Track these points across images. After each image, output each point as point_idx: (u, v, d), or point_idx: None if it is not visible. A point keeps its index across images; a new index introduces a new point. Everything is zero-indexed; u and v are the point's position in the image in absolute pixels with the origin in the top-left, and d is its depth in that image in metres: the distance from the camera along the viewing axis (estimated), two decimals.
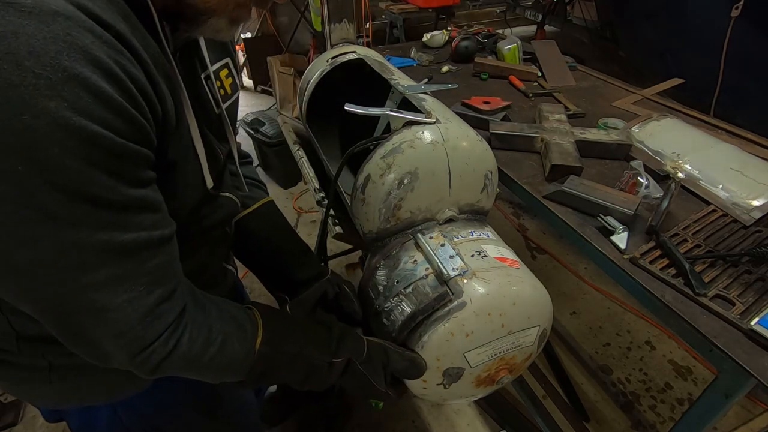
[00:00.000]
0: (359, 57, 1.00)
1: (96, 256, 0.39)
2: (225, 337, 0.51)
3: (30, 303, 0.41)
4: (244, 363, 0.54)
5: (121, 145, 0.38)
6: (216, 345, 0.51)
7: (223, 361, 0.52)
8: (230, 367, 0.53)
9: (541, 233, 2.42)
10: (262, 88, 4.13)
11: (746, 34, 2.16)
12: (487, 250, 0.67)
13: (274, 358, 0.56)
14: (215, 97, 0.62)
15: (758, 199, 0.89)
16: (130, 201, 0.40)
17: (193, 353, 0.49)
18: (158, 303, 0.45)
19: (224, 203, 0.65)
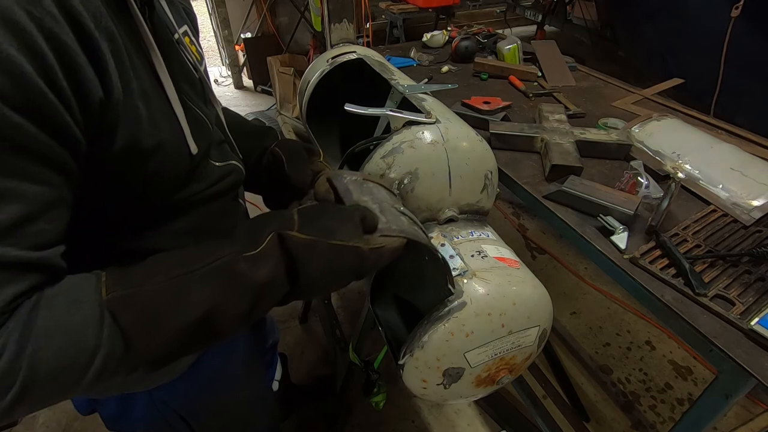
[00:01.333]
0: (359, 57, 1.00)
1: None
2: (50, 317, 0.36)
3: None
4: (95, 329, 0.37)
5: (6, 117, 0.32)
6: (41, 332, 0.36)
7: (66, 337, 0.36)
8: (78, 344, 0.36)
9: (541, 233, 2.42)
10: (262, 88, 4.14)
11: (746, 34, 2.16)
12: (487, 250, 0.67)
13: (140, 295, 0.39)
14: (191, 61, 0.57)
15: (758, 199, 0.89)
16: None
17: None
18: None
19: (226, 171, 0.60)
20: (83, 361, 0.36)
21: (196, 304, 0.40)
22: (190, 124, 0.50)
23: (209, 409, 0.75)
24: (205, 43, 5.74)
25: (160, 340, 0.39)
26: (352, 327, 1.86)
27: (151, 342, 0.39)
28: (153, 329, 0.39)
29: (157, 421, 0.71)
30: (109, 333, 0.37)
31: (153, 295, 0.39)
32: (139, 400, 0.68)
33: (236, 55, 4.21)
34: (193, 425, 0.74)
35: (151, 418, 0.70)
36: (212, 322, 0.41)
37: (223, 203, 0.62)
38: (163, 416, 0.71)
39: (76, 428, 1.55)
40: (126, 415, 0.70)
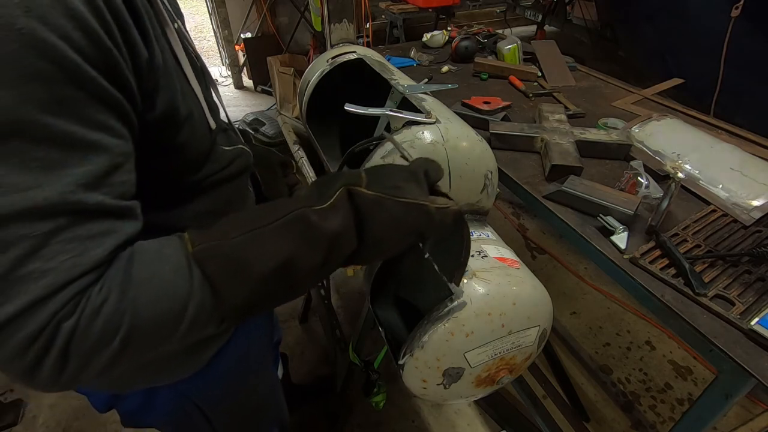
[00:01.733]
0: (359, 57, 1.00)
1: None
2: (145, 267, 0.38)
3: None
4: (185, 279, 0.39)
5: (79, 67, 0.34)
6: (136, 282, 0.37)
7: (160, 286, 0.38)
8: (171, 292, 0.38)
9: (541, 233, 2.42)
10: (262, 88, 4.14)
11: (746, 34, 2.16)
12: (487, 250, 0.67)
13: (224, 247, 0.40)
14: (193, 48, 0.59)
15: (758, 199, 0.89)
16: (66, 138, 0.34)
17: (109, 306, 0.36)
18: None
19: (235, 154, 0.63)
20: (177, 309, 0.38)
21: (275, 254, 0.41)
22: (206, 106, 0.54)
23: (226, 401, 0.78)
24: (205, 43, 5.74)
25: (244, 288, 0.41)
26: (352, 327, 1.86)
27: (236, 290, 0.41)
28: (238, 278, 0.40)
29: (178, 414, 0.73)
30: (199, 282, 0.39)
31: (234, 246, 0.41)
32: (163, 393, 0.69)
33: (236, 55, 4.21)
34: (211, 417, 0.77)
35: (173, 410, 0.72)
36: (290, 273, 0.42)
37: (236, 187, 0.65)
38: (184, 408, 0.73)
39: (76, 428, 1.55)
40: (148, 409, 0.71)
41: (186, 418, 0.75)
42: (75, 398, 1.64)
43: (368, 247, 0.46)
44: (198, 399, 0.73)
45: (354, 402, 1.58)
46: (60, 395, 1.64)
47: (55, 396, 1.64)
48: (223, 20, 3.97)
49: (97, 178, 0.36)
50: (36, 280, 0.32)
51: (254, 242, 0.41)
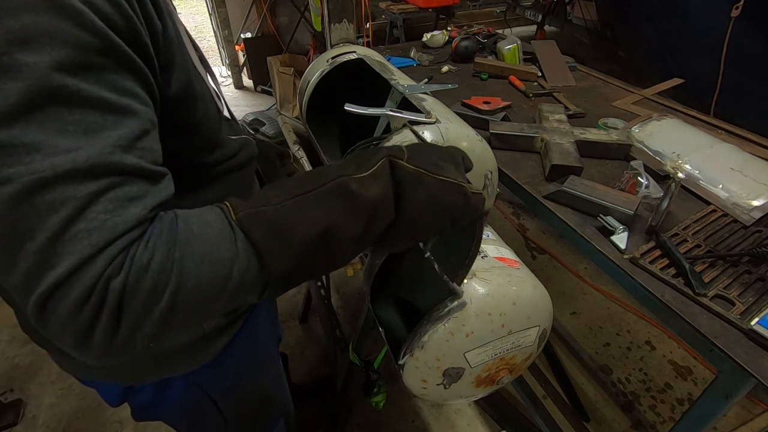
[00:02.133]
0: (359, 57, 1.00)
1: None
2: (190, 229, 0.39)
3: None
4: (229, 242, 0.39)
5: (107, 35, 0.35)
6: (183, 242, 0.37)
7: (205, 247, 0.38)
8: (217, 255, 0.38)
9: (541, 233, 2.42)
10: (262, 88, 4.14)
11: (746, 34, 2.16)
12: (487, 250, 0.67)
13: (267, 213, 0.41)
14: (191, 37, 0.60)
15: (758, 199, 0.89)
16: (100, 102, 0.35)
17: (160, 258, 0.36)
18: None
19: (241, 143, 0.64)
20: (223, 271, 0.38)
21: (316, 220, 0.41)
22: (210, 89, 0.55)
23: (237, 392, 0.79)
24: (205, 43, 5.74)
25: (288, 253, 0.41)
26: (352, 327, 1.86)
27: (280, 255, 0.41)
28: (281, 243, 0.40)
29: (190, 405, 0.74)
30: (243, 246, 0.39)
31: (277, 212, 0.41)
32: (176, 384, 0.70)
33: (236, 55, 4.21)
34: (222, 407, 0.78)
35: (186, 401, 0.73)
36: (331, 240, 0.42)
37: (244, 177, 0.66)
38: (197, 399, 0.74)
39: (76, 428, 1.55)
40: (161, 401, 0.72)
41: (198, 409, 0.76)
42: (75, 398, 1.64)
43: (405, 222, 0.45)
44: (210, 389, 0.74)
45: (354, 402, 1.58)
46: (60, 395, 1.64)
47: (55, 396, 1.64)
48: (223, 20, 3.97)
49: (131, 141, 0.37)
50: (82, 240, 0.33)
51: (296, 209, 0.41)
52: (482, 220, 0.52)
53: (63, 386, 1.68)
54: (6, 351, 1.82)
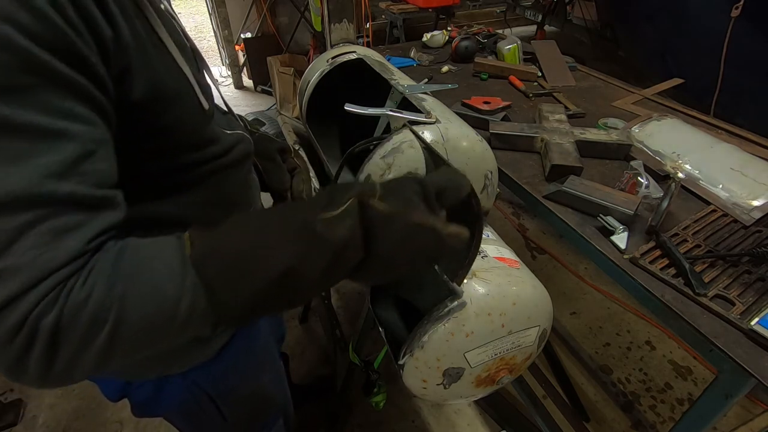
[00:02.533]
0: (359, 57, 1.00)
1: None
2: (138, 263, 0.38)
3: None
4: (179, 279, 0.38)
5: (30, 52, 0.32)
6: (124, 277, 0.36)
7: (150, 284, 0.37)
8: (162, 292, 0.37)
9: (541, 233, 2.42)
10: (262, 88, 4.14)
11: (746, 34, 2.16)
12: (487, 250, 0.67)
13: (224, 252, 0.39)
14: (182, 28, 0.58)
15: (758, 199, 0.89)
16: (28, 128, 0.33)
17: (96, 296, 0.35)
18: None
19: (236, 139, 0.63)
20: (168, 308, 0.37)
21: (277, 262, 0.39)
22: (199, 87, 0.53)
23: (236, 391, 0.79)
24: (205, 43, 5.74)
25: (242, 294, 0.39)
26: (352, 327, 1.86)
27: (233, 296, 0.39)
28: (235, 283, 0.39)
29: (189, 403, 0.74)
30: (192, 284, 0.38)
31: (236, 252, 0.39)
32: (175, 382, 0.70)
33: (236, 55, 4.21)
34: (221, 406, 0.78)
35: (184, 400, 0.73)
36: (292, 282, 0.40)
37: (239, 174, 0.64)
38: (195, 398, 0.74)
39: (76, 428, 1.55)
40: (160, 398, 0.72)
41: (197, 408, 0.76)
42: (75, 398, 1.64)
43: (376, 263, 0.44)
44: (209, 388, 0.74)
45: (354, 402, 1.58)
46: (60, 395, 1.64)
47: (55, 396, 1.64)
48: (223, 20, 3.97)
49: (66, 167, 0.34)
50: (10, 278, 0.32)
51: (256, 248, 0.40)
52: (482, 221, 0.52)
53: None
54: None
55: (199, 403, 0.76)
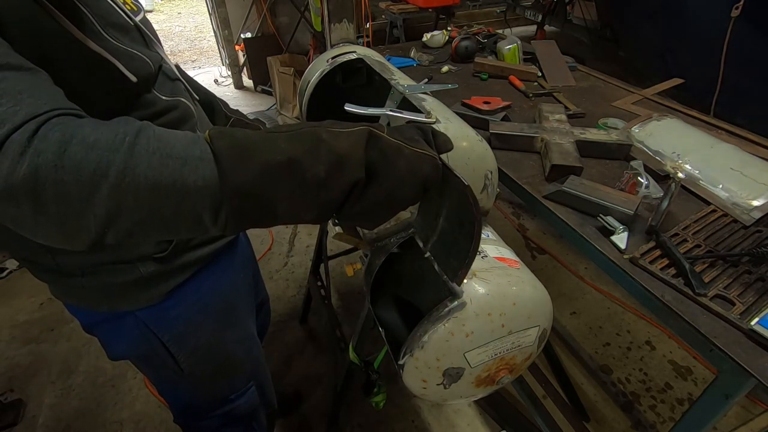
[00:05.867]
0: (359, 57, 1.00)
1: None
2: (151, 129, 0.42)
3: None
4: (192, 145, 0.41)
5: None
6: (133, 135, 0.40)
7: (159, 142, 0.40)
8: (173, 149, 0.40)
9: (541, 233, 2.42)
10: (262, 88, 4.14)
11: (746, 34, 2.16)
12: (487, 250, 0.67)
13: (236, 134, 0.43)
14: (124, 10, 0.65)
15: (758, 199, 0.89)
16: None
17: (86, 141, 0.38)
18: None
19: (171, 105, 0.68)
20: (174, 167, 0.40)
21: (281, 150, 0.43)
22: (120, 60, 0.57)
23: (190, 342, 0.83)
24: (205, 43, 5.74)
25: (247, 171, 0.42)
26: (352, 327, 1.86)
27: (239, 168, 0.41)
28: (242, 157, 0.42)
29: (141, 344, 0.79)
30: (202, 150, 0.41)
31: (246, 136, 0.43)
32: (127, 321, 0.76)
33: (236, 55, 4.21)
34: (176, 355, 0.82)
35: (138, 340, 0.78)
36: (294, 175, 0.43)
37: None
38: (146, 339, 0.78)
39: (76, 428, 1.55)
40: (117, 336, 0.79)
41: (151, 351, 0.80)
42: (75, 398, 1.64)
43: (379, 188, 0.47)
44: (158, 331, 0.78)
45: (354, 402, 1.58)
46: (60, 395, 1.64)
47: (55, 396, 1.64)
48: (223, 20, 3.97)
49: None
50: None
51: (265, 138, 0.43)
52: (480, 220, 0.52)
53: (63, 386, 1.68)
54: (6, 351, 1.82)
55: (151, 346, 0.79)
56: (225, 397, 0.96)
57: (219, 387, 0.95)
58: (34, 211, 0.37)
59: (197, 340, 0.84)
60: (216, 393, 0.95)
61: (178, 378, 0.86)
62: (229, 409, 0.97)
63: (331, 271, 2.07)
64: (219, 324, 0.87)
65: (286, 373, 1.72)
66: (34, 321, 1.95)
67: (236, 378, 0.97)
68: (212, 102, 0.94)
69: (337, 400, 1.43)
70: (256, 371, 1.02)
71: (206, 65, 5.03)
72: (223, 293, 0.86)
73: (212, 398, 0.95)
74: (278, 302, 2.02)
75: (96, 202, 0.38)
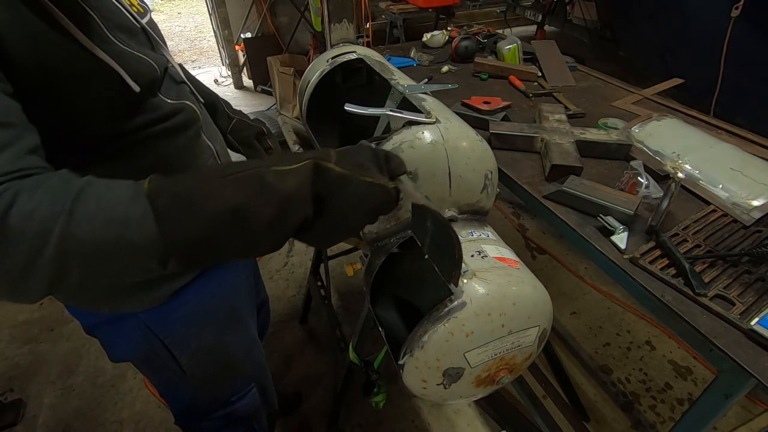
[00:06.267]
0: (359, 57, 1.00)
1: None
2: (91, 190, 0.42)
3: None
4: (130, 203, 0.41)
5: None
6: (72, 199, 0.40)
7: (99, 206, 0.40)
8: (113, 212, 0.40)
9: (541, 233, 2.42)
10: (262, 88, 4.14)
11: (746, 34, 2.16)
12: (487, 250, 0.67)
13: (177, 186, 0.43)
14: (130, 12, 0.63)
15: (758, 199, 0.89)
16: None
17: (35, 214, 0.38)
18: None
19: (177, 108, 0.67)
20: (116, 230, 0.40)
21: (226, 199, 0.42)
22: (126, 65, 0.56)
23: (192, 344, 0.83)
24: (205, 43, 5.74)
25: (192, 224, 0.42)
26: (352, 327, 1.86)
27: (182, 224, 0.42)
28: (185, 212, 0.42)
29: (142, 346, 0.79)
30: (143, 210, 0.41)
31: (188, 187, 0.43)
32: (129, 322, 0.75)
33: (236, 55, 4.21)
34: (178, 357, 0.82)
35: (139, 342, 0.78)
36: (242, 223, 0.43)
37: (181, 140, 0.69)
38: (148, 341, 0.78)
39: (76, 428, 1.55)
40: (118, 338, 0.78)
41: (152, 353, 0.80)
42: (75, 398, 1.64)
43: (327, 222, 0.47)
44: (161, 334, 0.78)
45: (354, 402, 1.58)
46: (60, 395, 1.64)
47: (55, 396, 1.64)
48: (223, 20, 3.97)
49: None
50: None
51: (209, 187, 0.43)
52: (449, 225, 0.53)
53: (63, 386, 1.68)
54: (6, 351, 1.82)
55: (153, 348, 0.79)
56: (226, 398, 0.96)
57: (220, 389, 0.95)
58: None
59: (199, 342, 0.83)
60: (217, 394, 0.95)
61: (180, 380, 0.86)
62: (230, 410, 0.97)
63: (331, 271, 2.07)
64: (221, 326, 0.87)
65: (286, 373, 1.72)
66: (34, 321, 1.95)
67: (237, 379, 0.97)
68: (215, 103, 0.94)
69: (337, 400, 1.43)
70: (257, 373, 1.02)
71: (206, 65, 5.03)
72: (225, 295, 0.86)
73: (213, 400, 0.95)
74: (278, 302, 2.02)
75: (39, 266, 0.39)
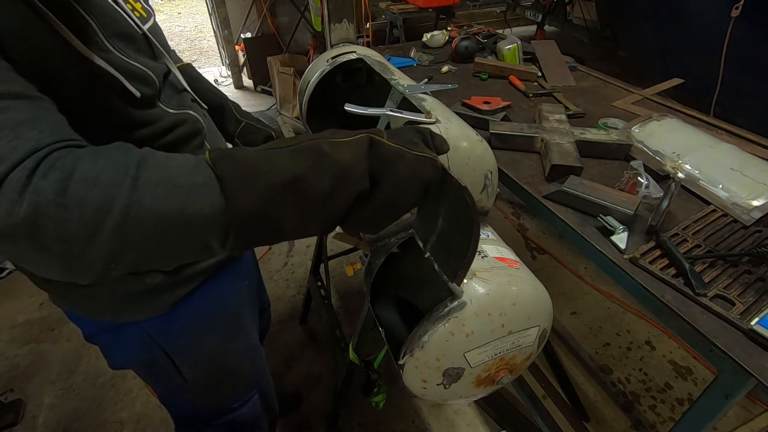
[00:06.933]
0: (359, 57, 1.00)
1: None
2: (152, 158, 0.41)
3: None
4: (192, 170, 0.41)
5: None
6: (135, 166, 0.39)
7: (163, 173, 0.40)
8: (176, 178, 0.40)
9: (541, 233, 2.42)
10: (262, 88, 4.14)
11: (746, 34, 2.16)
12: (487, 250, 0.67)
13: (238, 155, 0.43)
14: (132, 17, 0.61)
15: (758, 199, 0.89)
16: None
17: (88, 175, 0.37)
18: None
19: (181, 119, 0.66)
20: (179, 197, 0.39)
21: (285, 169, 0.42)
22: (125, 73, 0.54)
23: (194, 353, 0.82)
24: (205, 43, 5.74)
25: (253, 193, 0.41)
26: (352, 327, 1.86)
27: (244, 192, 0.41)
28: (246, 181, 0.41)
29: (144, 354, 0.78)
30: (206, 177, 0.40)
31: (248, 157, 0.42)
32: (130, 331, 0.74)
33: (236, 55, 4.21)
34: (179, 365, 0.81)
35: (140, 350, 0.77)
36: (300, 193, 0.43)
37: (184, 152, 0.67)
38: (150, 350, 0.77)
39: (76, 428, 1.55)
40: (119, 345, 0.77)
41: (153, 361, 0.79)
42: (75, 398, 1.64)
43: (383, 194, 0.47)
44: (163, 342, 0.77)
45: (354, 402, 1.58)
46: (60, 395, 1.64)
47: (55, 396, 1.64)
48: (223, 20, 3.97)
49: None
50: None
51: (267, 157, 0.43)
52: (478, 221, 0.52)
53: (63, 386, 1.68)
54: (6, 351, 1.82)
55: (155, 357, 0.78)
56: (227, 405, 0.95)
57: (222, 396, 0.94)
58: (35, 250, 0.37)
59: (201, 350, 0.83)
60: (219, 402, 0.94)
61: (181, 387, 0.85)
62: (232, 417, 0.96)
63: (331, 271, 2.07)
64: (223, 334, 0.86)
65: (286, 373, 1.72)
66: (34, 321, 1.95)
67: (239, 387, 0.96)
68: (223, 106, 0.92)
69: (337, 400, 1.43)
70: (258, 379, 1.02)
71: (206, 65, 5.03)
72: (228, 303, 0.85)
73: (215, 407, 0.94)
74: (278, 302, 2.02)
75: (100, 239, 0.37)
